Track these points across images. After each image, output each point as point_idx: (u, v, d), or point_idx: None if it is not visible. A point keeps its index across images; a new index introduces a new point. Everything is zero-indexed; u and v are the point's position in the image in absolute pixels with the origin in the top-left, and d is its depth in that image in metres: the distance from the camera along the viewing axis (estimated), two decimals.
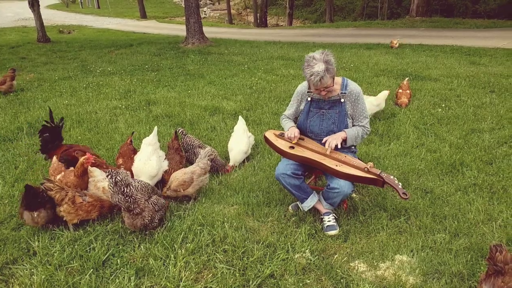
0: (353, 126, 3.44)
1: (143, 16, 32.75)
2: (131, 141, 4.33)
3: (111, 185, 3.14)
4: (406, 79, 6.60)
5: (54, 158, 3.86)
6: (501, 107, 6.07)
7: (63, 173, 3.72)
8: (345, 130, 3.34)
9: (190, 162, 4.34)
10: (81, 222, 3.39)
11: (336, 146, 3.22)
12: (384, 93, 5.85)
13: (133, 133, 4.67)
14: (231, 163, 4.46)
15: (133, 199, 3.11)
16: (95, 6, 43.83)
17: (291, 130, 3.48)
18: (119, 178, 3.19)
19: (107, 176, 3.28)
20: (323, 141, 3.29)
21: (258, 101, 6.97)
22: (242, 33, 21.16)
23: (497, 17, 23.78)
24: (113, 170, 3.32)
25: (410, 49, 11.75)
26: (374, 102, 5.69)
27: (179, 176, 3.71)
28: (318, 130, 3.47)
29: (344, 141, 3.31)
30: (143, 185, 3.28)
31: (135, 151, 4.16)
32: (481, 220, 3.34)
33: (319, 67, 3.06)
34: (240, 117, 4.88)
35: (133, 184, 3.19)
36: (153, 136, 3.97)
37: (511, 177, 4.02)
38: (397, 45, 12.10)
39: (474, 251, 2.96)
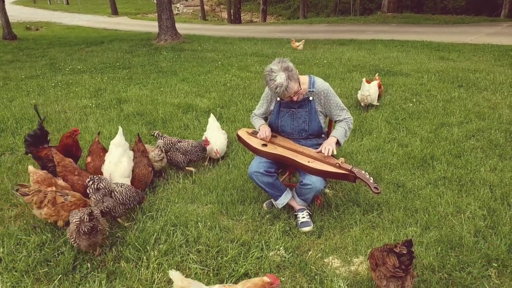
0: (334, 122, 3.46)
1: (115, 12, 32.11)
2: (98, 141, 4.21)
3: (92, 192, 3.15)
4: (377, 74, 6.68)
5: (31, 167, 3.48)
6: (468, 101, 6.23)
7: (54, 187, 3.35)
8: (333, 134, 3.34)
9: (173, 161, 4.26)
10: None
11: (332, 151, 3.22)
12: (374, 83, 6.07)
13: (98, 133, 4.53)
14: (219, 152, 4.46)
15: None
16: (64, 2, 42.71)
17: (262, 130, 3.47)
18: (102, 185, 3.16)
19: (88, 181, 3.21)
20: (318, 150, 3.27)
21: (232, 98, 6.92)
22: (216, 29, 21.04)
23: (465, 13, 24.50)
24: (95, 176, 3.26)
25: (382, 45, 11.93)
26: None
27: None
28: (289, 130, 3.47)
29: (338, 143, 3.32)
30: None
31: (104, 150, 4.06)
32: (450, 212, 3.41)
33: (281, 77, 3.02)
34: (211, 114, 4.85)
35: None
36: (120, 137, 3.86)
37: (478, 170, 4.13)
38: (300, 46, 11.35)
39: (444, 243, 3.02)
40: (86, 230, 2.78)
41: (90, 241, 2.86)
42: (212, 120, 4.76)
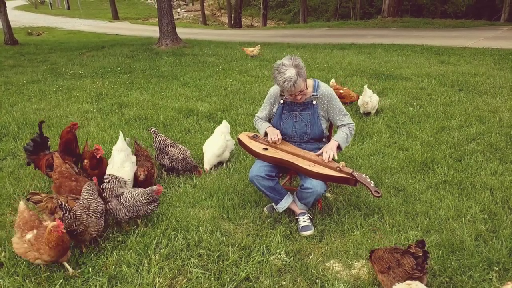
0: (337, 127, 3.47)
1: (116, 17, 32.25)
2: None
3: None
4: (333, 79, 6.94)
5: (22, 204, 2.94)
6: (469, 105, 6.24)
7: (35, 231, 2.82)
8: (334, 138, 3.36)
9: (160, 162, 4.31)
10: None
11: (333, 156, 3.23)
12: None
13: (86, 140, 4.53)
14: (206, 167, 4.40)
15: (73, 214, 2.96)
16: (65, 7, 42.85)
17: (272, 133, 3.45)
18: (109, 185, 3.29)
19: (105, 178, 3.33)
20: (318, 153, 3.28)
21: (233, 102, 6.94)
22: (216, 34, 21.12)
23: (464, 17, 24.56)
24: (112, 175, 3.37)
25: (382, 49, 11.96)
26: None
27: None
28: (291, 132, 3.48)
29: (339, 147, 3.33)
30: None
31: None
32: (451, 216, 3.42)
33: (291, 72, 3.06)
34: (224, 121, 4.80)
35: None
36: (121, 142, 3.87)
37: (479, 173, 4.13)
38: (254, 51, 11.35)
39: (445, 247, 3.02)
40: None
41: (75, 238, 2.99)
42: (222, 125, 4.69)
